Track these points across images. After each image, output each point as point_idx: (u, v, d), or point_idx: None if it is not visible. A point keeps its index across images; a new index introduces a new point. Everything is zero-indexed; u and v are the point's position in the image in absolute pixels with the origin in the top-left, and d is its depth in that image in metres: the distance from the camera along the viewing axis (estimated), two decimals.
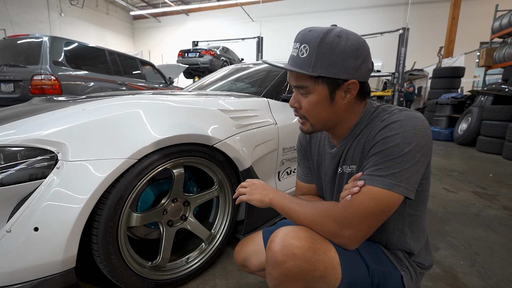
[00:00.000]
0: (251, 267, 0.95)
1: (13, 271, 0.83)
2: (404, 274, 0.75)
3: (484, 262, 1.48)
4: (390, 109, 0.73)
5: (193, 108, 1.24)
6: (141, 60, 5.26)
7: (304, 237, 0.67)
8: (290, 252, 0.65)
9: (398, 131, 0.65)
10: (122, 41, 17.18)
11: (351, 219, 0.65)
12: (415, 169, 0.64)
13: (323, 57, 0.67)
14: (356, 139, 0.77)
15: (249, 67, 2.41)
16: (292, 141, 1.70)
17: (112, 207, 0.96)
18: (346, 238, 0.67)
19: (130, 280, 1.05)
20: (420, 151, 0.64)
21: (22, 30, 10.43)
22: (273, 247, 0.68)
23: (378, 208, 0.64)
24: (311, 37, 0.68)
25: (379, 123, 0.70)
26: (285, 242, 0.67)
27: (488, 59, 6.32)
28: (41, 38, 3.62)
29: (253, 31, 12.53)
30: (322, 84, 0.70)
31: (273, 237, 0.71)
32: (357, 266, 0.71)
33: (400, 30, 7.11)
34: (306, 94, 0.73)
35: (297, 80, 0.72)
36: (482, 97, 5.40)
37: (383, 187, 0.63)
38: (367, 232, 0.67)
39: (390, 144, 0.65)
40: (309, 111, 0.74)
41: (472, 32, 11.46)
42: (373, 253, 0.76)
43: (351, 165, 0.79)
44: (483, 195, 2.55)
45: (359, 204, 0.65)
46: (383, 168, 0.65)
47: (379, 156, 0.66)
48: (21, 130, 0.94)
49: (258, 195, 0.86)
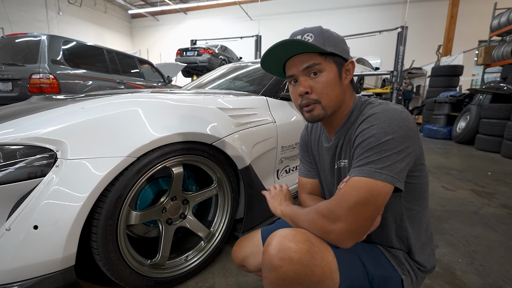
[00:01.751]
0: (250, 267, 0.94)
1: (13, 269, 0.83)
2: (404, 278, 0.74)
3: (482, 260, 1.48)
4: (373, 103, 0.76)
5: (192, 106, 1.24)
6: (140, 58, 5.25)
7: (301, 240, 0.66)
8: (287, 256, 0.63)
9: (374, 123, 0.67)
10: (120, 40, 17.13)
11: (337, 211, 0.65)
12: (397, 158, 0.64)
13: (328, 39, 0.74)
14: (348, 132, 0.79)
15: (247, 66, 2.41)
16: (291, 140, 1.70)
17: (111, 205, 0.96)
18: (336, 233, 0.65)
19: (129, 278, 1.06)
20: (401, 141, 0.64)
21: (20, 29, 10.38)
22: (270, 250, 0.66)
23: (361, 196, 0.63)
24: (311, 29, 0.75)
25: (361, 118, 0.73)
26: (282, 245, 0.65)
27: (486, 57, 6.32)
28: (39, 36, 3.61)
29: (252, 29, 12.51)
30: (331, 62, 0.74)
31: (270, 240, 0.69)
32: (356, 270, 0.70)
33: (399, 28, 7.10)
34: (318, 73, 0.74)
35: (308, 60, 0.73)
36: (481, 96, 5.42)
37: (363, 175, 0.64)
38: (357, 224, 0.64)
39: (366, 136, 0.67)
40: (323, 90, 0.74)
41: (471, 31, 11.47)
42: (373, 256, 0.75)
43: (344, 160, 0.80)
44: (482, 193, 2.56)
45: (341, 194, 0.66)
46: (362, 159, 0.66)
47: (359, 148, 0.68)
48: (20, 128, 0.94)
49: (274, 202, 0.92)
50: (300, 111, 0.81)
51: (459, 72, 7.32)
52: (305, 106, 0.77)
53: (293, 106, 1.79)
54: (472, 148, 5.03)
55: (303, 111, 0.79)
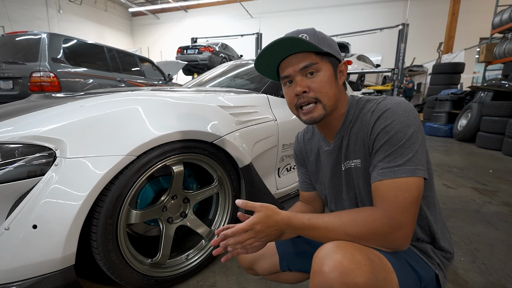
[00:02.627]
0: (260, 270, 0.91)
1: (12, 268, 0.83)
2: (438, 272, 0.73)
3: (484, 258, 1.48)
4: (374, 100, 0.75)
5: (193, 104, 1.23)
6: (140, 57, 5.24)
7: (362, 260, 0.58)
8: (352, 282, 0.55)
9: (393, 118, 0.66)
10: (121, 38, 17.09)
11: (397, 217, 0.61)
12: (422, 150, 0.66)
13: (323, 40, 0.74)
14: (352, 132, 0.76)
15: (248, 63, 2.40)
16: (292, 138, 1.69)
17: (111, 204, 0.95)
18: (400, 240, 0.63)
19: (130, 277, 1.05)
20: (419, 131, 0.66)
21: (20, 27, 10.36)
22: (327, 271, 0.57)
23: (414, 196, 0.62)
24: (304, 30, 0.75)
25: (371, 115, 0.71)
26: (343, 268, 0.56)
27: (488, 54, 6.29)
28: (40, 35, 3.59)
29: (252, 27, 12.47)
30: (327, 62, 0.74)
31: (323, 258, 0.60)
32: (411, 280, 0.68)
33: (400, 25, 7.07)
34: (315, 73, 0.73)
35: (305, 59, 0.73)
36: (482, 93, 5.39)
37: (407, 175, 0.63)
38: (413, 223, 0.64)
39: (392, 132, 0.65)
40: (321, 88, 0.73)
41: (472, 28, 11.41)
42: (415, 258, 0.72)
43: (355, 159, 0.77)
44: (483, 191, 2.55)
45: (394, 199, 0.62)
46: (398, 157, 0.64)
47: (387, 146, 0.66)
48: (19, 127, 0.93)
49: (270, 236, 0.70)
50: (296, 112, 0.78)
51: (460, 69, 7.30)
52: (303, 105, 0.75)
53: None
54: (473, 145, 5.01)
55: (299, 112, 0.77)
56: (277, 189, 1.66)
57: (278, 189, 1.67)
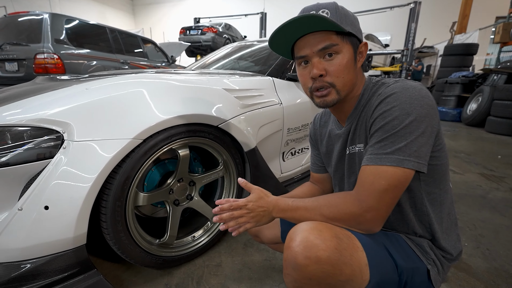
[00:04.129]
0: (264, 238, 0.97)
1: (27, 247, 0.85)
2: (430, 268, 0.71)
3: (489, 244, 1.48)
4: (387, 82, 0.71)
5: (198, 87, 1.22)
6: (143, 38, 5.16)
7: (328, 237, 0.61)
8: (314, 255, 0.59)
9: (394, 103, 0.63)
10: (123, 18, 16.76)
11: (368, 201, 0.63)
12: (422, 141, 0.62)
13: (345, 17, 0.68)
14: (361, 116, 0.75)
15: (252, 45, 2.35)
16: (297, 122, 1.68)
17: (119, 187, 0.97)
18: (369, 222, 0.65)
19: (139, 257, 1.09)
20: (422, 121, 0.61)
21: (21, 7, 10.20)
22: (294, 246, 0.61)
23: (391, 185, 0.62)
24: (326, 4, 0.69)
25: (376, 98, 0.69)
26: (308, 242, 0.60)
27: (504, 34, 6.02)
28: (42, 15, 3.54)
29: (256, 7, 12.12)
30: (348, 43, 0.70)
31: (293, 234, 0.64)
32: (386, 264, 0.67)
33: (411, 4, 6.78)
34: (334, 55, 0.69)
35: (325, 40, 0.68)
36: (495, 76, 5.23)
37: (391, 164, 0.62)
38: (387, 209, 0.65)
39: (388, 118, 0.63)
40: (339, 73, 0.69)
41: (489, 6, 10.89)
42: (399, 248, 0.72)
43: (359, 144, 0.76)
44: (491, 177, 2.53)
45: (370, 185, 0.63)
46: (388, 144, 0.63)
47: (381, 132, 0.65)
48: (26, 109, 0.94)
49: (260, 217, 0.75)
50: (310, 95, 0.76)
51: (473, 51, 7.04)
52: (317, 90, 0.72)
53: (299, 87, 1.75)
54: (482, 130, 4.93)
55: (313, 95, 0.74)
56: (281, 173, 1.67)
57: (283, 173, 1.68)
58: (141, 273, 1.21)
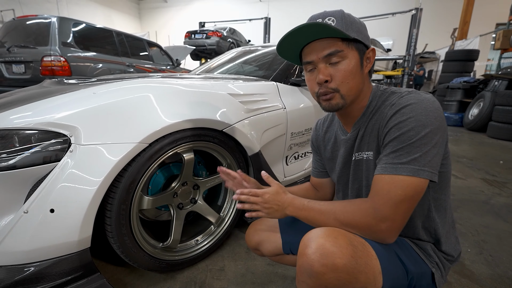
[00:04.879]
0: (264, 251, 0.96)
1: (31, 250, 0.86)
2: (435, 271, 0.73)
3: (492, 250, 1.48)
4: (399, 92, 0.72)
5: (203, 92, 1.23)
6: (148, 41, 5.20)
7: (344, 244, 0.61)
8: (331, 263, 0.58)
9: (410, 115, 0.64)
10: (129, 22, 16.92)
11: (384, 210, 0.63)
12: (434, 151, 0.63)
13: (351, 24, 0.70)
14: (370, 123, 0.75)
15: (257, 50, 2.36)
16: (301, 126, 1.69)
17: (125, 190, 0.98)
18: (384, 232, 0.65)
19: (142, 260, 1.09)
20: (436, 133, 0.63)
21: (30, 10, 10.31)
22: (310, 254, 0.61)
23: (408, 195, 0.62)
24: (332, 12, 0.70)
25: (390, 108, 0.69)
26: (324, 250, 0.60)
27: (504, 41, 6.06)
28: (50, 18, 3.60)
29: (261, 11, 12.20)
30: (354, 49, 0.71)
31: (307, 241, 0.63)
32: (397, 270, 0.68)
33: (413, 10, 6.82)
34: (340, 60, 0.70)
35: (330, 46, 0.69)
36: (496, 82, 5.25)
37: (408, 174, 0.62)
38: (403, 220, 0.65)
39: (404, 129, 0.64)
40: (344, 79, 0.71)
41: (489, 13, 10.96)
42: (407, 252, 0.73)
43: (367, 151, 0.76)
44: (493, 182, 2.53)
45: (386, 194, 0.63)
46: (403, 154, 0.63)
47: (396, 142, 0.65)
48: (34, 113, 0.95)
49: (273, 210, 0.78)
50: (317, 99, 0.77)
51: (474, 57, 7.07)
52: (323, 95, 0.74)
53: (303, 92, 1.76)
54: (484, 135, 4.93)
55: (320, 99, 0.76)
56: (284, 177, 1.67)
57: (286, 177, 1.68)
58: (144, 276, 1.21)
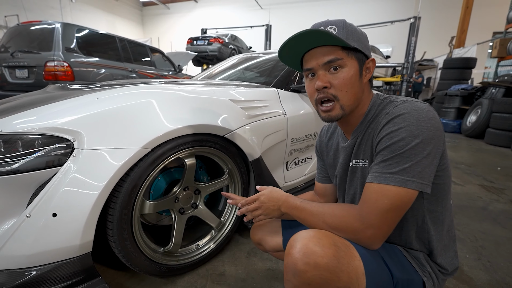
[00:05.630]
0: (266, 246, 0.98)
1: (33, 254, 0.86)
2: (426, 280, 0.72)
3: (490, 256, 1.49)
4: (395, 101, 0.72)
5: (205, 98, 1.25)
6: (151, 47, 5.24)
7: (327, 244, 0.63)
8: (313, 261, 0.61)
9: (402, 125, 0.64)
10: (132, 28, 17.07)
11: (370, 218, 0.65)
12: (426, 162, 0.63)
13: (352, 34, 0.71)
14: (367, 132, 0.76)
15: (258, 56, 2.40)
16: (301, 132, 1.70)
17: (127, 195, 0.98)
18: (368, 238, 0.66)
19: (143, 265, 1.09)
20: (429, 143, 0.63)
21: (34, 16, 10.40)
22: (294, 253, 0.64)
23: (394, 204, 0.63)
24: (334, 21, 0.72)
25: (384, 117, 0.70)
26: (307, 249, 0.62)
27: (501, 49, 6.14)
28: (54, 24, 3.64)
29: (262, 19, 12.36)
30: (353, 58, 0.72)
31: (293, 242, 0.66)
32: (382, 274, 0.68)
33: (412, 19, 6.91)
34: (339, 69, 0.71)
35: (330, 54, 0.70)
36: (493, 89, 5.30)
37: (396, 184, 0.62)
38: (389, 229, 0.66)
39: (395, 139, 0.64)
40: (342, 87, 0.71)
41: (486, 22, 11.10)
42: (396, 259, 0.73)
43: (363, 159, 0.77)
44: (491, 189, 2.54)
45: (374, 203, 0.64)
46: (393, 164, 0.64)
47: (387, 151, 0.65)
48: (38, 118, 0.96)
49: (270, 210, 0.83)
50: (316, 108, 0.78)
51: (472, 64, 7.15)
52: (322, 103, 0.75)
53: (303, 98, 1.78)
54: (481, 142, 4.96)
55: (319, 108, 0.77)
56: (285, 182, 1.68)
57: (286, 182, 1.69)
58: (144, 281, 1.21)
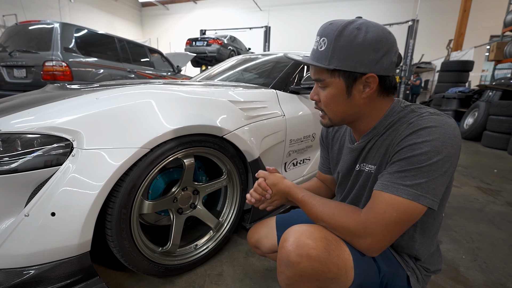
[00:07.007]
0: (263, 248, 0.99)
1: (32, 253, 0.86)
2: (410, 275, 0.75)
3: (486, 257, 1.50)
4: (419, 111, 0.69)
5: (204, 99, 1.25)
6: (150, 48, 5.25)
7: (319, 238, 0.67)
8: (305, 253, 0.64)
9: (427, 138, 0.61)
10: (131, 28, 17.05)
11: (373, 228, 0.63)
12: (441, 180, 0.61)
13: (340, 50, 0.66)
14: (380, 138, 0.74)
15: (257, 58, 2.40)
16: (299, 133, 1.71)
17: (125, 195, 0.99)
18: (366, 246, 0.65)
19: (141, 265, 1.09)
20: (448, 161, 0.61)
21: (32, 16, 10.35)
22: (287, 246, 0.67)
23: (401, 218, 0.61)
24: (330, 30, 0.67)
25: (406, 127, 0.66)
26: (300, 242, 0.66)
27: (498, 53, 6.20)
28: (52, 24, 3.63)
29: (261, 20, 12.39)
30: (339, 78, 0.69)
31: (286, 235, 0.70)
32: (369, 268, 0.70)
33: (410, 21, 6.97)
34: (324, 88, 0.72)
35: (316, 73, 0.72)
36: (490, 92, 5.34)
37: (407, 197, 0.61)
38: (389, 241, 0.64)
39: (417, 152, 0.61)
40: (326, 104, 0.74)
41: (483, 25, 11.19)
42: (383, 253, 0.75)
43: (371, 165, 0.76)
44: (487, 191, 2.56)
45: (381, 213, 0.62)
46: (409, 177, 0.62)
47: (405, 162, 0.63)
48: (37, 117, 0.96)
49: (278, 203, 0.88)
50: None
51: (469, 67, 7.21)
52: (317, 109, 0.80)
53: (302, 100, 1.79)
54: (478, 144, 4.99)
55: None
56: None
57: None
58: (142, 281, 1.22)
